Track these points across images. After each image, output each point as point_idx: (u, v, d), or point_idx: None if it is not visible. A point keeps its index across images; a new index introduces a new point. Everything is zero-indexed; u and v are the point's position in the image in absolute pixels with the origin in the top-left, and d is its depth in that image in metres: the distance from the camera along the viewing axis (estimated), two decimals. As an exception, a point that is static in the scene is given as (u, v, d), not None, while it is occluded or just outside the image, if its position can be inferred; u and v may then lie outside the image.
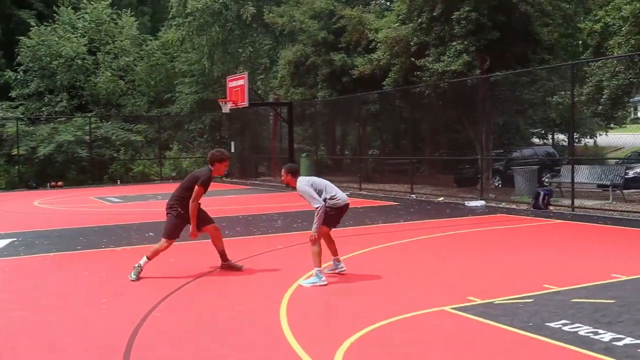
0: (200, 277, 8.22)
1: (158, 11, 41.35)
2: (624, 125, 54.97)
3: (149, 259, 8.23)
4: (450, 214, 14.73)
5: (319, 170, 24.41)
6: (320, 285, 7.52)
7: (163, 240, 8.31)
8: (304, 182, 7.78)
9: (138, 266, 8.13)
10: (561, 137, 37.19)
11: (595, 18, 16.98)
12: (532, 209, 15.15)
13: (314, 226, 7.64)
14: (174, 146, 32.33)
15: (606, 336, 5.35)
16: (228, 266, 8.55)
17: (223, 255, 8.59)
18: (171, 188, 10.10)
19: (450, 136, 21.23)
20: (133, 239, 11.48)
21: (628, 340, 5.22)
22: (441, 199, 18.15)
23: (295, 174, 7.94)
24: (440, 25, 18.74)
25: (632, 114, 66.91)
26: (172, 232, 8.31)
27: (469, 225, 12.81)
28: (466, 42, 17.82)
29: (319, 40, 24.91)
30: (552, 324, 5.73)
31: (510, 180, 19.12)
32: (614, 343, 5.19)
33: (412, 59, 18.93)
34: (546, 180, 17.97)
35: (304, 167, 30.70)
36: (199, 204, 8.26)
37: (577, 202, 14.89)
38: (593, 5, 18.58)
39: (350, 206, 8.07)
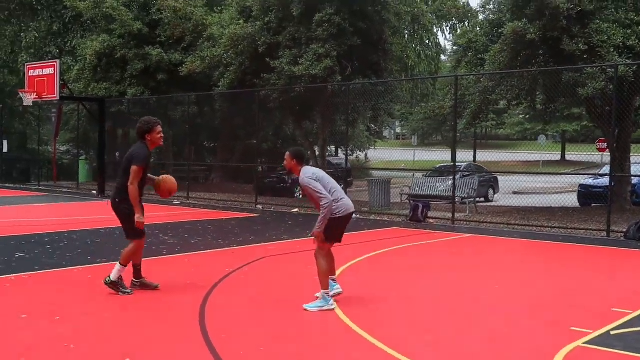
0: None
1: None
2: (386, 140, 58.97)
3: (123, 265, 6.88)
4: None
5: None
6: (328, 310, 6.31)
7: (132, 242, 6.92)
8: (309, 173, 6.49)
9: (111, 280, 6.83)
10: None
11: (458, 34, 17.30)
12: (409, 221, 14.77)
13: (318, 224, 6.41)
14: None
15: None
16: (141, 284, 7.09)
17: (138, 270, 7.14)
18: None
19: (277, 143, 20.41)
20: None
21: None
22: (295, 210, 17.06)
23: (301, 160, 6.64)
24: (294, 26, 17.73)
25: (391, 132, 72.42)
26: (136, 230, 6.84)
27: (389, 239, 11.86)
28: (327, 46, 17.03)
29: (134, 32, 22.33)
30: None
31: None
32: None
33: (267, 59, 17.61)
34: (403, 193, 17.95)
35: (83, 172, 27.54)
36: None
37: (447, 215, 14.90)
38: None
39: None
